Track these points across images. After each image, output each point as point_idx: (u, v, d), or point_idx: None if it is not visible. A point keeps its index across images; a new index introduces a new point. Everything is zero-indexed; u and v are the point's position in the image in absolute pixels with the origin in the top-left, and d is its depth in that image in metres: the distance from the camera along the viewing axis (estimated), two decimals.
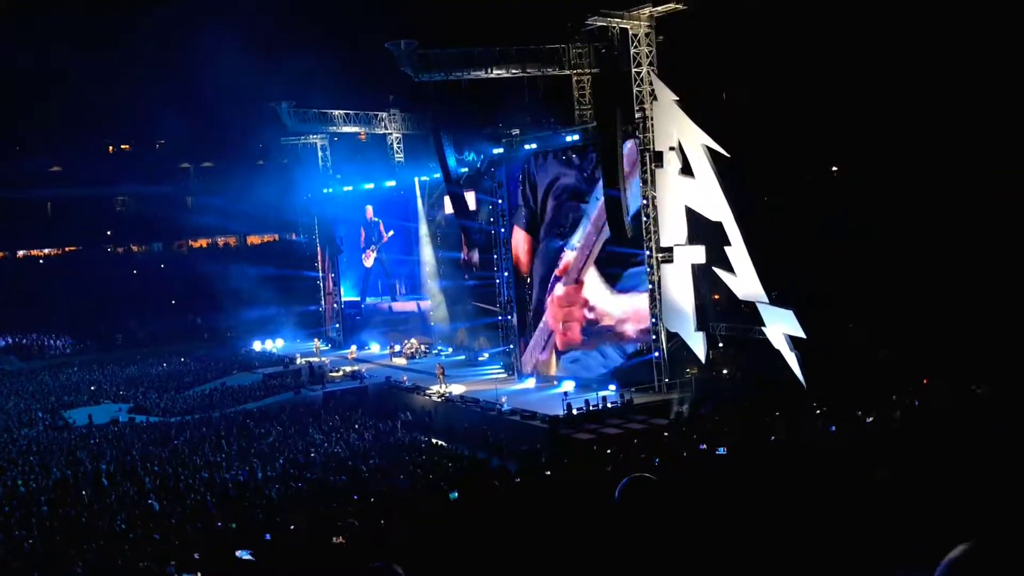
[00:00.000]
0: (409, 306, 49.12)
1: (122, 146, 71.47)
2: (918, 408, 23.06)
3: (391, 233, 49.98)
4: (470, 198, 40.65)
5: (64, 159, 68.27)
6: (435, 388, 35.75)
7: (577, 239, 34.84)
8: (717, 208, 29.49)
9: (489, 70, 36.33)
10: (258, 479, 25.09)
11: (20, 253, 66.70)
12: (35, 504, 23.29)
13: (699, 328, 30.84)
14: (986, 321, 27.71)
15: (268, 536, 18.77)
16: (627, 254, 32.66)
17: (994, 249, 29.96)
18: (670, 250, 31.30)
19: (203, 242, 71.40)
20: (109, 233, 68.40)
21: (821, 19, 34.65)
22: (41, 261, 67.18)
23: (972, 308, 28.49)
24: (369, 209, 51.35)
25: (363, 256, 51.95)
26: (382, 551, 15.97)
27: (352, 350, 47.84)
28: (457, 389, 35.33)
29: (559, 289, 35.72)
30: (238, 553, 15.42)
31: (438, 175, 41.35)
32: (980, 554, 2.48)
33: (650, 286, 32.00)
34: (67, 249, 67.49)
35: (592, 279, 34.44)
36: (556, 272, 35.83)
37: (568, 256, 35.26)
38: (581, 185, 34.80)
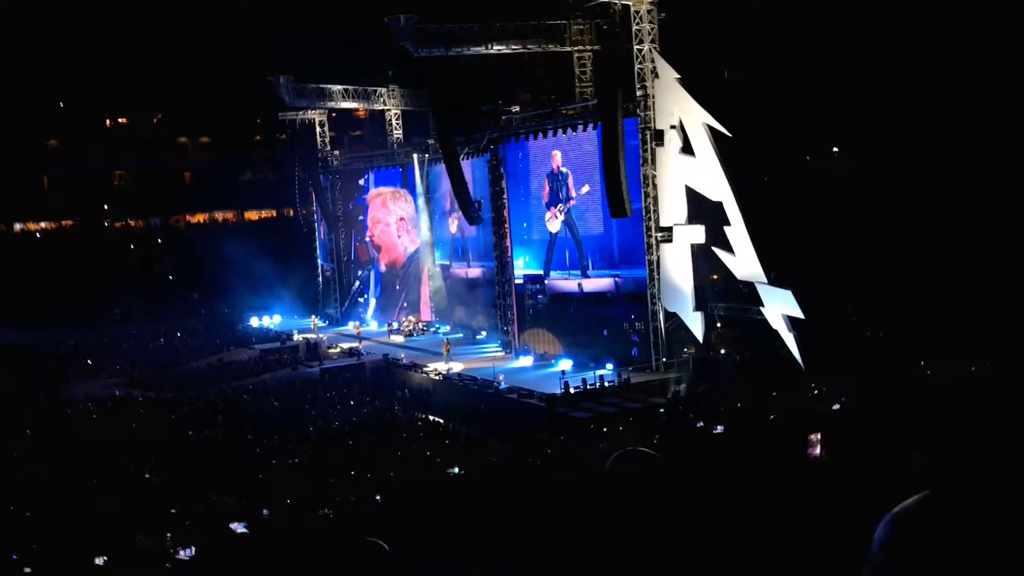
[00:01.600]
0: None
1: (119, 120, 71.01)
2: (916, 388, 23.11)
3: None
4: (469, 176, 40.41)
5: (61, 133, 67.86)
6: (433, 366, 35.74)
7: None
8: (717, 188, 29.34)
9: (490, 46, 36.06)
10: (255, 454, 25.08)
11: (17, 227, 66.40)
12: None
13: (697, 308, 30.77)
14: (987, 301, 27.70)
15: (266, 511, 18.79)
16: None
17: (995, 229, 29.92)
18: (669, 229, 31.18)
19: (200, 217, 71.09)
20: (106, 207, 68.08)
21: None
22: (38, 235, 66.93)
23: (973, 288, 28.47)
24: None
25: (364, 238, 51.96)
26: (375, 526, 15.99)
27: (356, 325, 48.04)
28: (455, 367, 35.33)
29: None
30: (233, 526, 15.45)
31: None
32: (922, 508, 2.45)
33: (649, 265, 31.91)
34: (64, 224, 67.19)
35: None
36: None
37: None
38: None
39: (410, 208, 47.75)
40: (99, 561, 15.60)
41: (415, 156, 45.39)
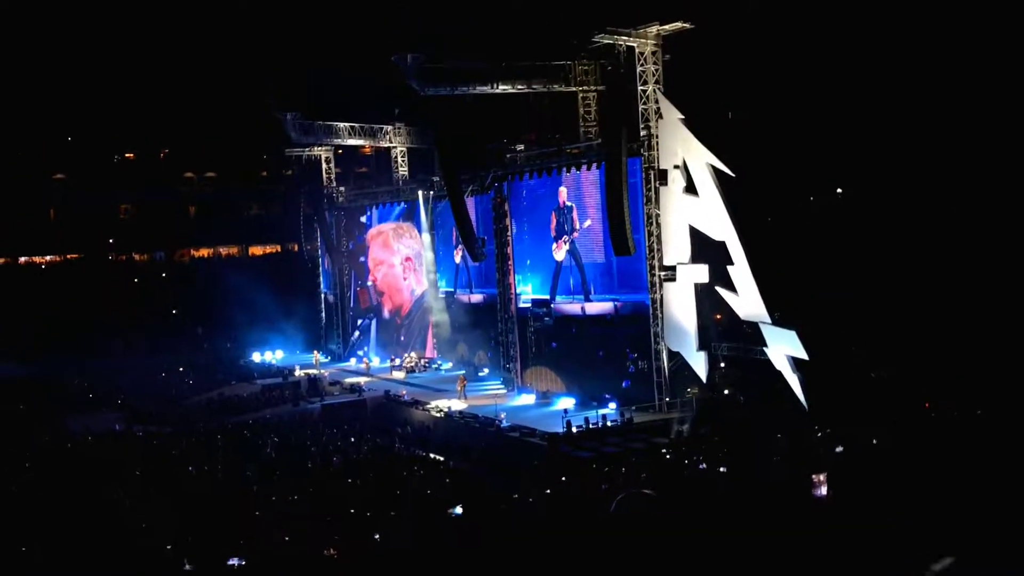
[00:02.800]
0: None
1: (126, 154, 71.57)
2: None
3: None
4: (473, 212, 40.54)
5: (68, 166, 68.37)
6: (435, 403, 35.57)
7: None
8: (721, 227, 29.40)
9: (495, 85, 36.40)
10: (254, 490, 24.88)
11: (22, 260, 66.66)
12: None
13: (701, 347, 30.68)
14: (989, 343, 27.62)
15: (264, 547, 18.57)
16: None
17: (999, 271, 29.90)
18: (673, 268, 31.20)
19: (205, 252, 71.38)
20: (111, 241, 68.39)
21: (828, 41, 34.75)
22: (43, 268, 67.17)
23: (976, 330, 28.40)
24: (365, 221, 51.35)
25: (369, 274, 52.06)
26: (375, 566, 15.83)
27: (365, 361, 47.99)
28: (457, 405, 35.20)
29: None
30: (229, 560, 15.33)
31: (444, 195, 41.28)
32: (959, 568, 2.43)
33: (652, 304, 31.87)
34: (69, 256, 67.46)
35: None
36: None
37: None
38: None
39: (416, 244, 47.36)
40: None
41: (420, 192, 45.56)
